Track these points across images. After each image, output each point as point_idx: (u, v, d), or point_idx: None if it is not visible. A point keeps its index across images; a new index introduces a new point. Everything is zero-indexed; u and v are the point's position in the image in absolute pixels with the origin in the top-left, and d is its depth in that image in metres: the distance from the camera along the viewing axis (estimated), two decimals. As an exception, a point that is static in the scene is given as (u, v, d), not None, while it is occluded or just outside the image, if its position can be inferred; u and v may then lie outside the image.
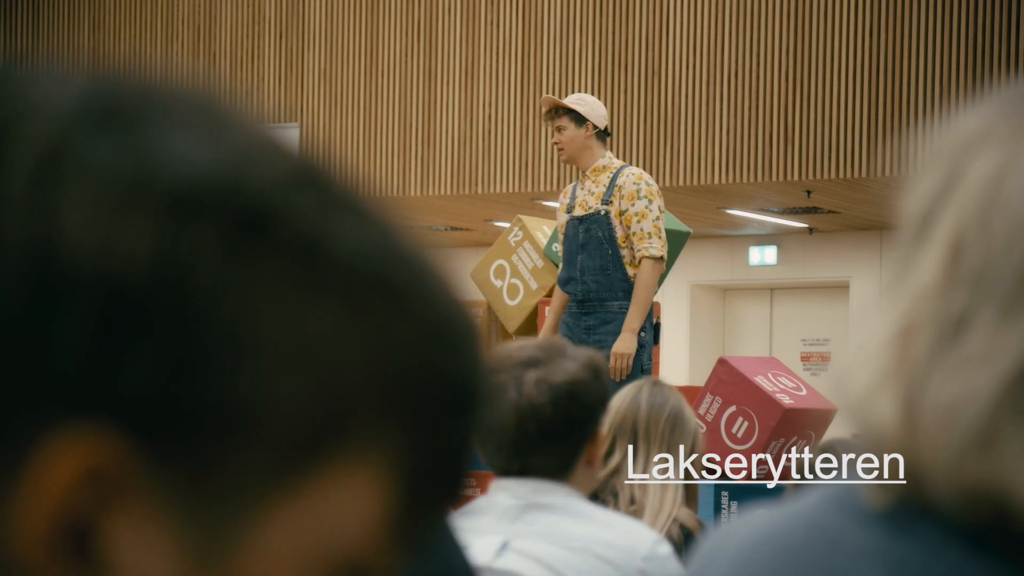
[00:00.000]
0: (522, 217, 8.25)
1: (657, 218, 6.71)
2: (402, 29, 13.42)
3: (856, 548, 0.87)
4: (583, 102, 6.90)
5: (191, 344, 0.52)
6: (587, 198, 6.84)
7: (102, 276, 0.51)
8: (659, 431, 3.56)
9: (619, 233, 6.74)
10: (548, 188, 12.71)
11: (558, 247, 7.91)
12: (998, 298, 0.83)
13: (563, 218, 7.02)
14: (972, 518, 0.84)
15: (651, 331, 6.78)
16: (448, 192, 13.04)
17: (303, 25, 13.83)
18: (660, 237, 6.69)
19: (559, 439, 2.54)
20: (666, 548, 2.66)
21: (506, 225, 8.43)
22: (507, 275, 8.08)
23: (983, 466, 0.82)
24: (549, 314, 7.32)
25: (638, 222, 6.70)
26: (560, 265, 7.91)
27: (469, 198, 13.16)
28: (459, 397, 0.57)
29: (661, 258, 6.68)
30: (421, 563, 0.58)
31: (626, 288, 6.72)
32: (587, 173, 6.87)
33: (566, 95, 12.66)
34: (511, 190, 12.87)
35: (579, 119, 6.83)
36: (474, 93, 13.05)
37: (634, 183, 6.74)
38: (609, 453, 3.58)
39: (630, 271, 6.72)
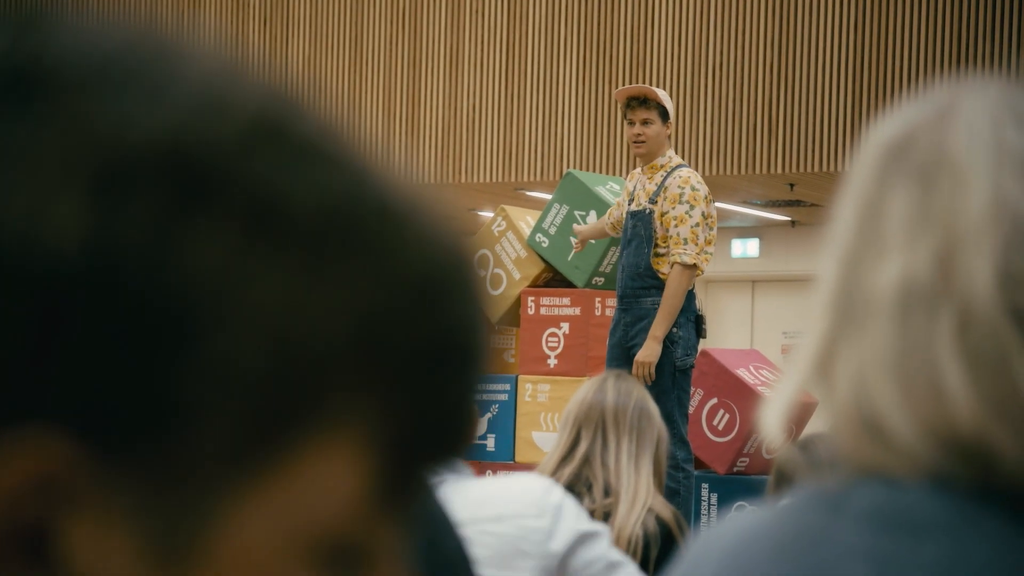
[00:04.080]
0: (506, 207, 8.24)
1: (696, 224, 6.60)
2: (387, 17, 13.39)
3: (841, 544, 0.87)
4: (668, 100, 6.82)
5: (130, 335, 0.47)
6: (639, 193, 6.77)
7: (27, 267, 0.47)
8: (627, 420, 3.56)
9: (660, 233, 6.67)
10: (532, 178, 12.70)
11: (541, 237, 7.91)
12: (869, 249, 0.93)
13: (623, 206, 6.94)
14: (943, 462, 0.86)
15: (688, 326, 6.66)
16: (432, 181, 12.99)
17: (287, 12, 13.80)
18: (696, 244, 6.59)
19: None
20: (557, 494, 2.60)
21: (490, 215, 8.43)
22: (490, 265, 8.08)
23: (929, 392, 0.86)
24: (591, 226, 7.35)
25: (676, 227, 6.61)
26: (544, 256, 7.93)
27: (453, 187, 13.15)
28: (444, 355, 0.52)
29: (694, 265, 6.59)
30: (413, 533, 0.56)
31: (660, 287, 6.63)
32: (644, 169, 6.81)
33: (552, 85, 12.67)
34: (495, 180, 12.87)
35: (665, 115, 6.75)
36: (458, 82, 13.04)
37: (679, 186, 6.64)
38: (575, 444, 3.58)
39: (663, 271, 6.65)
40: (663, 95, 6.81)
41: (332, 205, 0.50)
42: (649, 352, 6.55)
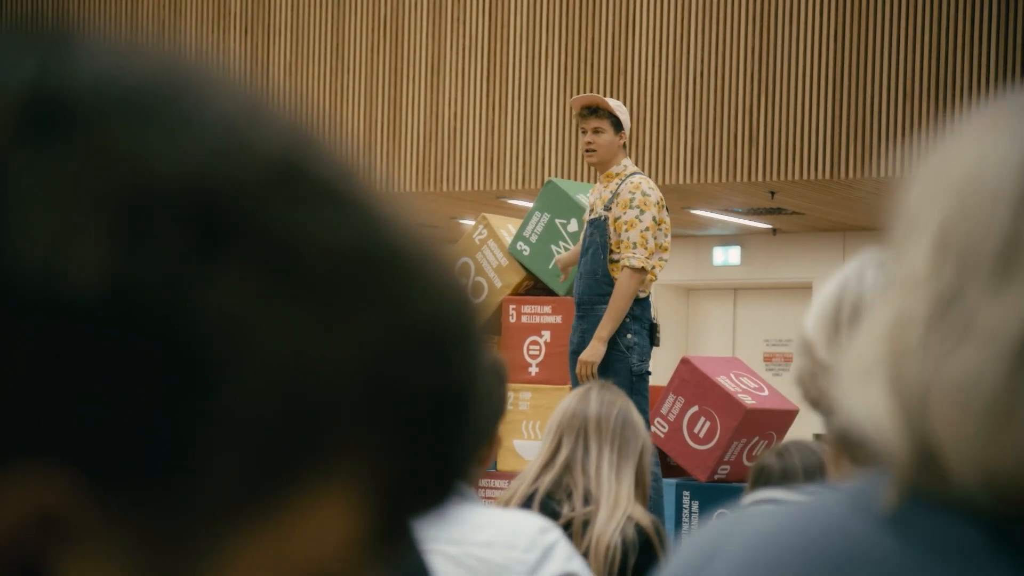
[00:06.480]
0: (487, 215, 8.25)
1: (646, 229, 6.70)
2: (368, 25, 13.39)
3: (876, 558, 0.84)
4: (621, 110, 6.92)
5: (143, 376, 0.47)
6: (596, 202, 6.87)
7: (45, 301, 0.46)
8: (609, 429, 3.57)
9: (614, 239, 6.76)
10: (513, 186, 12.71)
11: (522, 246, 7.92)
12: (986, 271, 0.82)
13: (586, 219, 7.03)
14: (997, 507, 0.82)
15: (643, 333, 6.75)
16: (413, 189, 13.02)
17: (268, 20, 13.79)
18: (646, 248, 6.69)
19: None
20: (552, 535, 2.60)
21: (471, 223, 8.43)
22: (471, 273, 8.08)
23: (1006, 442, 0.80)
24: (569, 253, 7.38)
25: (626, 231, 6.71)
26: (526, 264, 7.94)
27: (434, 195, 13.15)
28: (445, 408, 0.53)
29: (642, 269, 6.68)
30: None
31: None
32: (602, 178, 6.91)
33: (533, 94, 12.67)
34: (476, 188, 12.87)
35: (618, 125, 6.85)
36: (440, 90, 13.04)
37: (629, 192, 6.74)
38: (557, 451, 3.59)
39: (616, 278, 6.73)
40: (616, 105, 6.91)
41: (346, 252, 0.50)
42: (593, 352, 6.64)
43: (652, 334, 6.83)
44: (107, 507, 0.48)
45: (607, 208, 6.78)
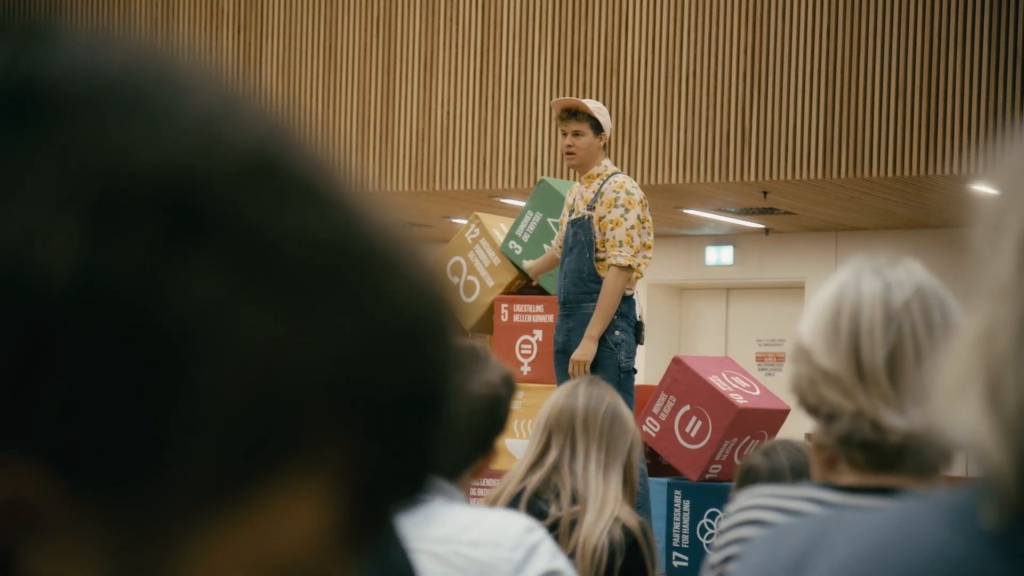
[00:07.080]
0: (479, 214, 8.24)
1: (632, 227, 6.79)
2: (361, 24, 13.39)
3: None
4: (601, 112, 6.99)
5: (114, 368, 0.46)
6: (578, 203, 6.95)
7: (16, 291, 0.46)
8: (598, 426, 3.54)
9: (599, 238, 6.84)
10: (506, 185, 12.71)
11: (515, 245, 7.93)
12: None
13: (565, 220, 7.11)
14: None
15: (629, 331, 6.86)
16: (406, 188, 13.02)
17: (261, 18, 13.78)
18: (631, 246, 6.78)
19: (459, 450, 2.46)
20: (537, 534, 2.61)
21: (464, 222, 8.44)
22: (464, 272, 8.07)
23: None
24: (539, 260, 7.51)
25: (612, 230, 6.80)
26: (518, 263, 7.94)
27: (427, 194, 13.14)
28: (417, 404, 0.53)
29: (629, 267, 6.76)
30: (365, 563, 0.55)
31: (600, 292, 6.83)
32: (582, 180, 6.98)
33: (526, 92, 12.67)
34: (469, 187, 12.87)
35: (597, 127, 6.93)
36: (433, 89, 13.03)
37: (614, 191, 6.83)
38: (546, 450, 3.56)
39: (603, 276, 6.81)
40: (595, 107, 6.98)
41: (321, 248, 0.50)
42: (585, 351, 6.73)
43: (638, 332, 6.92)
44: (79, 498, 0.47)
45: (590, 208, 6.85)
